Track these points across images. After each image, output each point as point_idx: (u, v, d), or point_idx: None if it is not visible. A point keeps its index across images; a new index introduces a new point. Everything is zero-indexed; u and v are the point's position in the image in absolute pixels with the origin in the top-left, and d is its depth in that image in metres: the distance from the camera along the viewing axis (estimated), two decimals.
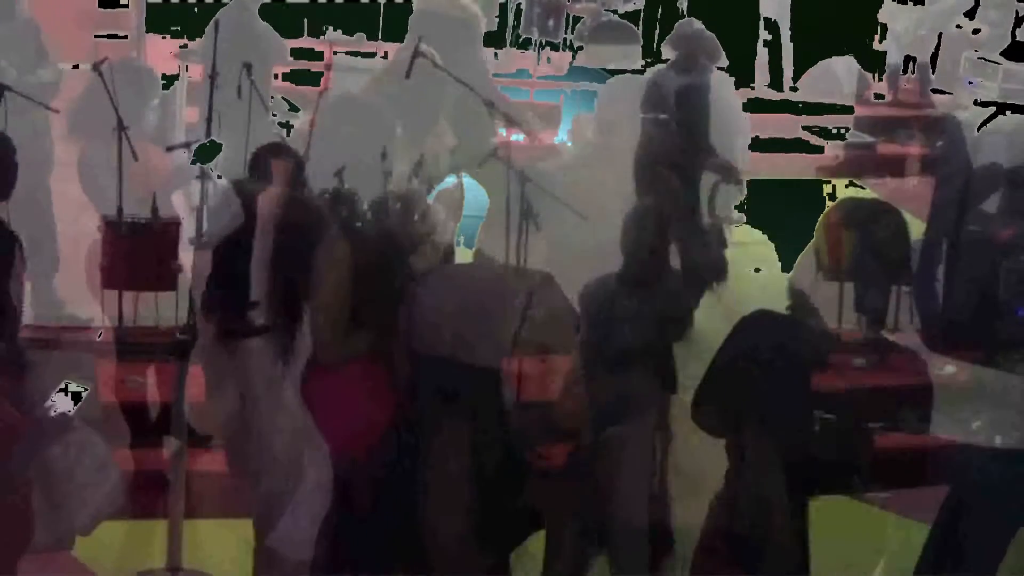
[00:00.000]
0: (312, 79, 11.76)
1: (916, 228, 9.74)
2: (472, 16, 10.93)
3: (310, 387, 6.59)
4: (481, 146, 9.47)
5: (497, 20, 15.38)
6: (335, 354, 6.49)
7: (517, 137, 9.99)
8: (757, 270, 9.92)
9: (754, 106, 13.43)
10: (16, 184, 7.73)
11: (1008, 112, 9.52)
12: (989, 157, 9.02)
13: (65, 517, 6.57)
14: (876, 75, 15.83)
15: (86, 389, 6.96)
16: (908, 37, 15.18)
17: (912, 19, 15.06)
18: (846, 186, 11.85)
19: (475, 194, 9.73)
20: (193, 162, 8.54)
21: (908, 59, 15.71)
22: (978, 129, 9.47)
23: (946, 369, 8.13)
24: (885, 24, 15.48)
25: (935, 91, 15.29)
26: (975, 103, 10.73)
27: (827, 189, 11.26)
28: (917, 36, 15.14)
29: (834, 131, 14.07)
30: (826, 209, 10.32)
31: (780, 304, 7.01)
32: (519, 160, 9.64)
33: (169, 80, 11.45)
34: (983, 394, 7.39)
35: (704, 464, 6.49)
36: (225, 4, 10.68)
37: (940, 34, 15.42)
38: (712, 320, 9.69)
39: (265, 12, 10.95)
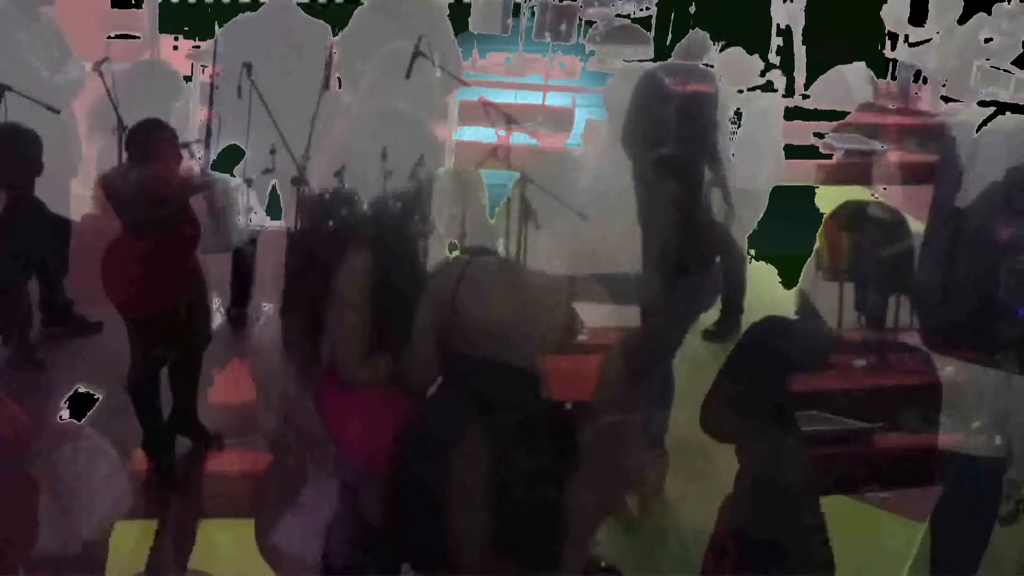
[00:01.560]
0: None
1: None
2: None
3: (326, 395, 6.56)
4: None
5: (511, 24, 15.46)
6: (360, 378, 6.39)
7: (522, 139, 9.99)
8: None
9: None
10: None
11: (1008, 112, 9.50)
12: (989, 157, 8.99)
13: (73, 523, 6.57)
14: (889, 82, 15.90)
15: (97, 396, 6.99)
16: (934, 63, 15.26)
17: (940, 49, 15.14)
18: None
19: None
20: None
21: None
22: (977, 129, 9.44)
23: (946, 370, 8.11)
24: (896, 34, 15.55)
25: (946, 99, 15.31)
26: (977, 103, 10.69)
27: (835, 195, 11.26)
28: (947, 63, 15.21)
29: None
30: (829, 212, 10.36)
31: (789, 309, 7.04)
32: (527, 163, 9.66)
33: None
34: (983, 394, 7.38)
35: (713, 467, 6.51)
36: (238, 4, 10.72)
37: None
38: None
39: None
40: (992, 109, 9.11)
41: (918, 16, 15.77)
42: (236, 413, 8.37)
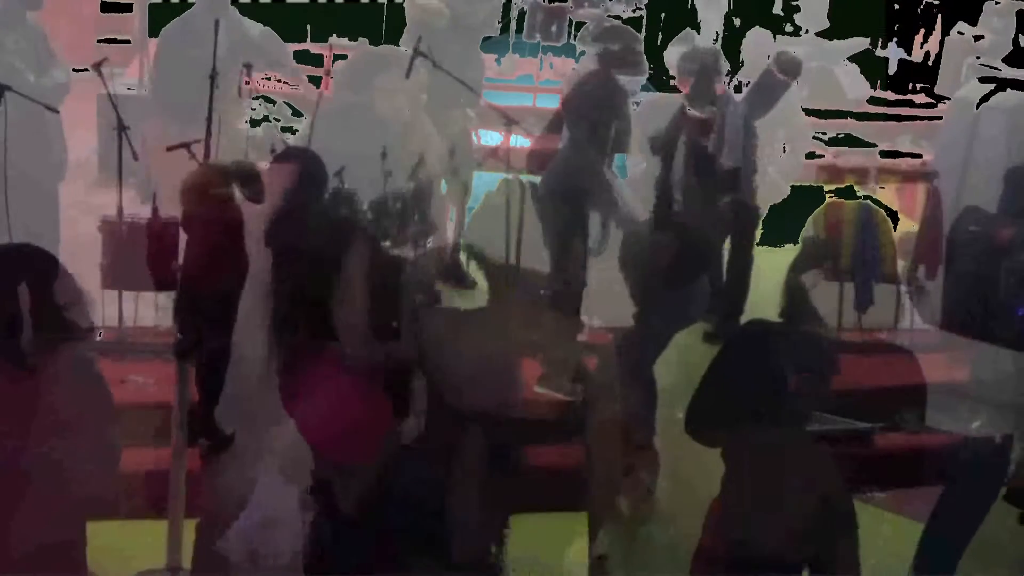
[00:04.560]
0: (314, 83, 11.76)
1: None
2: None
3: (297, 395, 6.54)
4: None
5: (500, 25, 15.42)
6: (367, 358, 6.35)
7: (520, 140, 10.00)
8: None
9: None
10: None
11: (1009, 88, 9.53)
12: (989, 134, 8.98)
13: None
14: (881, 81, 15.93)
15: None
16: None
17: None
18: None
19: None
20: None
21: (907, 64, 15.82)
22: (978, 106, 9.42)
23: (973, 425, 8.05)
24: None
25: (938, 97, 15.33)
26: (977, 80, 10.68)
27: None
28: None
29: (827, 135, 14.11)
30: (816, 211, 10.35)
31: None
32: (521, 163, 9.68)
33: None
34: (982, 393, 7.38)
35: (700, 469, 6.50)
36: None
37: (943, 39, 15.55)
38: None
39: (269, 15, 11.00)
40: (992, 86, 9.12)
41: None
42: None
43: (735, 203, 9.02)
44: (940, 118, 13.44)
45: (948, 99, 14.66)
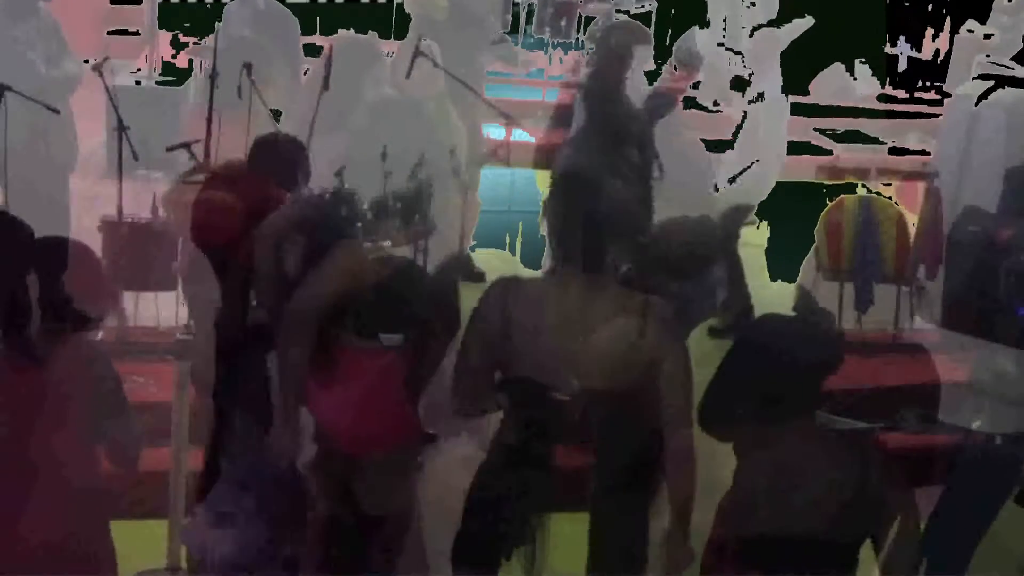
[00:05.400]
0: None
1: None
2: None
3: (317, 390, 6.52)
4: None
5: (510, 20, 15.45)
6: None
7: (522, 135, 9.99)
8: None
9: None
10: None
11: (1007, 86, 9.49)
12: (988, 131, 8.94)
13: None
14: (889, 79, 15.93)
15: None
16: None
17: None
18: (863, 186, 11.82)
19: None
20: None
21: (916, 61, 15.80)
22: (976, 103, 9.38)
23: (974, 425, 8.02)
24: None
25: (947, 95, 15.32)
26: (975, 77, 10.66)
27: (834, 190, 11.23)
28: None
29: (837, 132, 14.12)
30: (825, 209, 10.32)
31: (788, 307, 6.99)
32: (529, 158, 9.68)
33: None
34: (983, 393, 7.36)
35: (713, 464, 6.49)
36: None
37: (953, 37, 15.57)
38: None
39: None
40: (991, 83, 9.08)
41: None
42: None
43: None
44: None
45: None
